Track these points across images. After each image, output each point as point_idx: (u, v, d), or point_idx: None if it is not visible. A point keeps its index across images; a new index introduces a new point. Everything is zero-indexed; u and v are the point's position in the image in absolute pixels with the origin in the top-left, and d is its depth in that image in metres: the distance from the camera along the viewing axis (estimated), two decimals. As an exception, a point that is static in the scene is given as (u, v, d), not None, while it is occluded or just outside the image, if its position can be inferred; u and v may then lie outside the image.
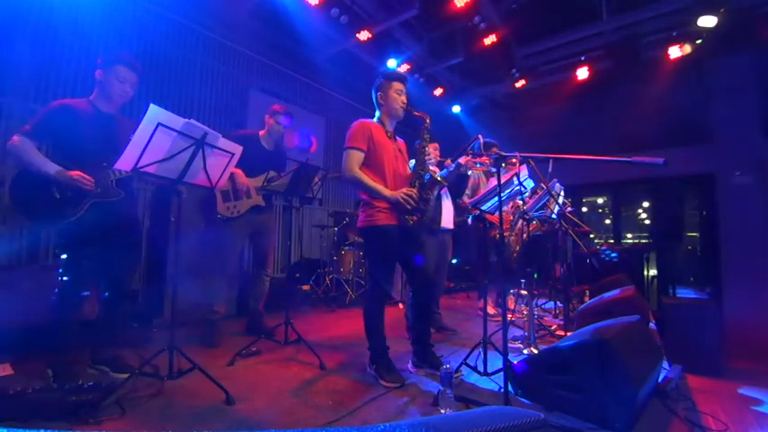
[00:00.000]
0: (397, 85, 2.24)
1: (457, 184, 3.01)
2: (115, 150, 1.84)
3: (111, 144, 1.97)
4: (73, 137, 1.93)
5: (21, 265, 2.91)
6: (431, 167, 2.59)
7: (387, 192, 2.11)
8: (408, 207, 2.07)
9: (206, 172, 1.93)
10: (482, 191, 3.00)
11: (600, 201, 8.22)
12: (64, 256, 1.96)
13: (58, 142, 1.98)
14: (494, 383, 2.06)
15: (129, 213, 2.15)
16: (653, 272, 4.67)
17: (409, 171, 2.32)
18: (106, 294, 2.13)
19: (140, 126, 1.62)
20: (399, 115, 2.28)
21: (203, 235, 3.05)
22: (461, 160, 2.69)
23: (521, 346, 2.73)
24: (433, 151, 3.12)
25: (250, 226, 2.88)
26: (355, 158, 2.14)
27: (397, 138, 2.38)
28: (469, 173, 3.04)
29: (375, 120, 2.31)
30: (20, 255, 2.99)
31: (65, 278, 1.96)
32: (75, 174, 1.86)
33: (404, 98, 2.25)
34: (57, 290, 1.96)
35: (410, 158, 2.43)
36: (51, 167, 1.85)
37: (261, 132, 2.98)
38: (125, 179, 2.03)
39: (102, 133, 2.00)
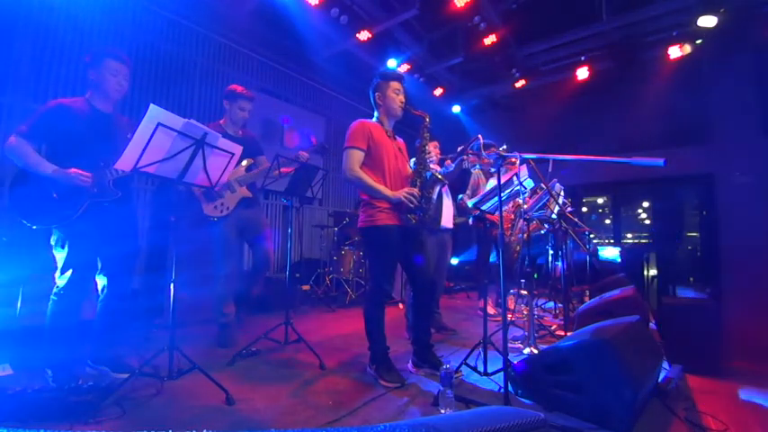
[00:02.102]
0: (395, 85, 2.24)
1: (458, 180, 3.01)
2: (112, 150, 1.83)
3: (107, 143, 1.96)
4: (69, 136, 1.92)
5: (20, 265, 2.91)
6: (431, 166, 2.58)
7: (388, 192, 2.11)
8: (411, 206, 2.07)
9: (206, 172, 1.93)
10: (482, 191, 3.00)
11: (600, 201, 8.22)
12: (62, 257, 1.96)
13: (54, 142, 1.96)
14: (494, 383, 2.05)
15: (127, 213, 2.14)
16: (653, 272, 4.66)
17: (409, 170, 2.32)
18: (106, 294, 2.13)
19: (140, 126, 1.61)
20: (398, 114, 2.28)
21: (198, 238, 3.00)
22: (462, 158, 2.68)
23: (521, 346, 2.73)
24: (433, 149, 3.12)
25: (240, 222, 2.79)
26: (356, 158, 2.14)
27: (397, 137, 2.38)
28: (471, 169, 3.04)
29: (374, 120, 2.30)
30: (19, 255, 2.99)
31: (64, 278, 1.95)
32: (73, 171, 1.85)
33: (402, 97, 2.25)
34: (56, 290, 1.95)
35: (410, 157, 2.43)
36: (48, 167, 1.84)
37: (221, 121, 2.83)
38: (123, 179, 2.03)
39: (99, 132, 1.99)
